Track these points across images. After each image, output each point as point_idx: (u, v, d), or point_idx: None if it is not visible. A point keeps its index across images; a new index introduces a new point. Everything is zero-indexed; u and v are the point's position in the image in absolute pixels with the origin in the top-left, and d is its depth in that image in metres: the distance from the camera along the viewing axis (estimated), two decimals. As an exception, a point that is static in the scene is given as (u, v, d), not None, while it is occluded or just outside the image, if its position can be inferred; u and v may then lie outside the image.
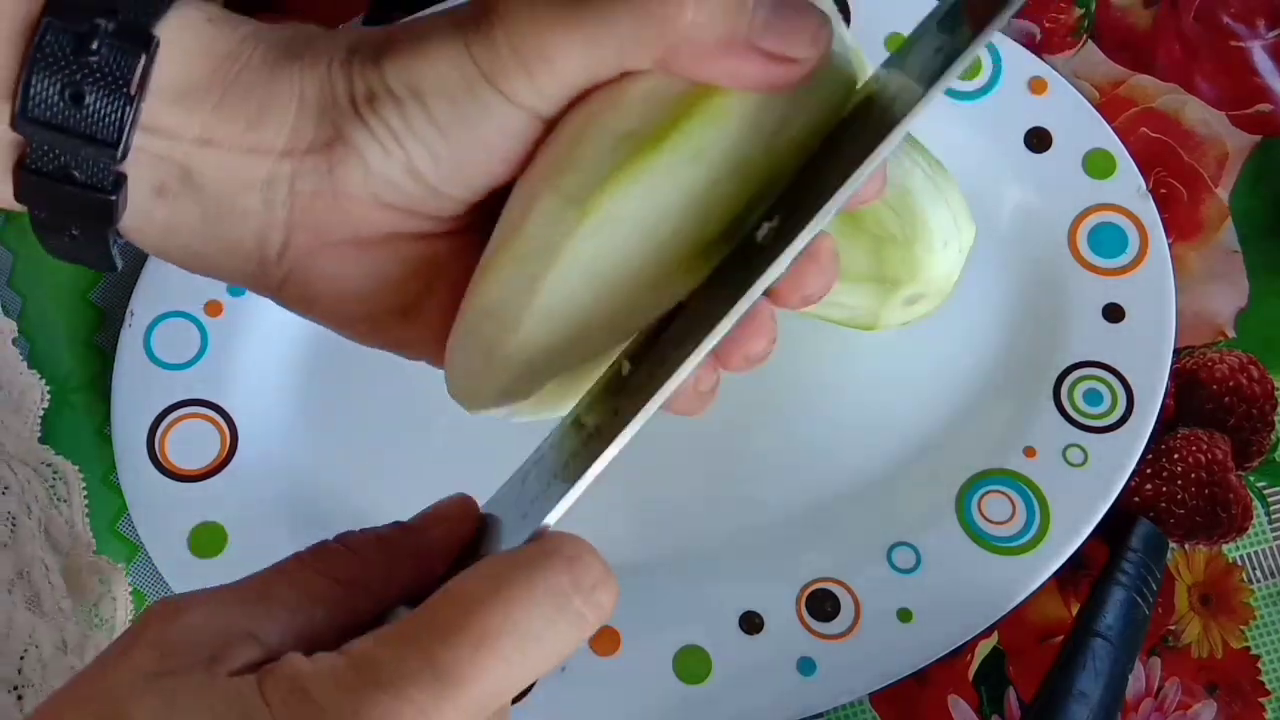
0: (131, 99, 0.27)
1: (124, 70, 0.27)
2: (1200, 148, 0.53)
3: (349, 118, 0.28)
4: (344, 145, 0.29)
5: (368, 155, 0.29)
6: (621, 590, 0.26)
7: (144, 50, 0.28)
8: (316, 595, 0.25)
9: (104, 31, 0.27)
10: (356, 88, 0.29)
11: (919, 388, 0.50)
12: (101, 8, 0.28)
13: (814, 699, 0.46)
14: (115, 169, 0.28)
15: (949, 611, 0.47)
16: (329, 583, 0.26)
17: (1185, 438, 0.50)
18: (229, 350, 0.50)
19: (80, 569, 0.47)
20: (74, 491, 0.48)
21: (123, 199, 0.29)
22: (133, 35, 0.28)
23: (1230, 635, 0.49)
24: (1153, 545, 0.47)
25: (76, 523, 0.48)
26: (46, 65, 0.27)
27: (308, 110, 0.29)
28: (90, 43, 0.27)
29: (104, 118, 0.27)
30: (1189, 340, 0.51)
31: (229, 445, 0.49)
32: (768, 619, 0.47)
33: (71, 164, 0.28)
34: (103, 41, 0.27)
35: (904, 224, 0.44)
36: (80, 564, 0.47)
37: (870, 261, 0.44)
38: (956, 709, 0.48)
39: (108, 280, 0.52)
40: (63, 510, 0.48)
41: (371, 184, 0.29)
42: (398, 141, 0.28)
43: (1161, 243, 0.50)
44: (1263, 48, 0.54)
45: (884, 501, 0.49)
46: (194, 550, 0.47)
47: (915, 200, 0.44)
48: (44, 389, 0.49)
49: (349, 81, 0.29)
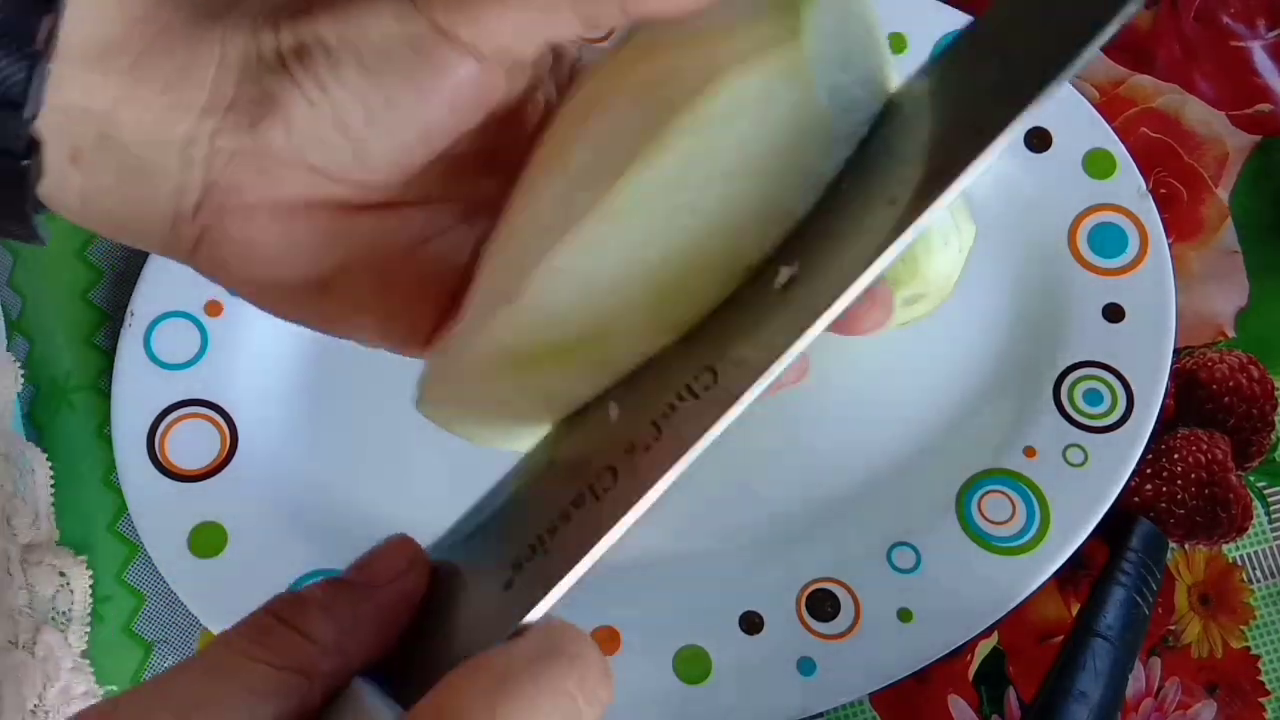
0: (37, 55, 0.26)
1: (28, 27, 0.26)
2: (1200, 148, 0.53)
3: (275, 72, 0.28)
4: (269, 101, 0.28)
5: (293, 110, 0.27)
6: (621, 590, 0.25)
7: (49, 7, 0.27)
8: (263, 691, 0.23)
9: None
10: (284, 41, 0.28)
11: (919, 388, 0.50)
12: None
13: (814, 699, 0.46)
14: (26, 134, 0.27)
15: (949, 611, 0.47)
16: (276, 674, 0.23)
17: (1185, 438, 0.50)
18: (229, 350, 0.50)
19: (41, 561, 0.47)
20: (40, 481, 0.48)
21: (37, 165, 0.28)
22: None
23: (1230, 635, 0.49)
24: (1153, 545, 0.47)
25: (42, 513, 0.47)
26: None
27: (230, 68, 0.28)
28: None
29: (10, 78, 0.26)
30: (1189, 340, 0.51)
31: (229, 445, 0.49)
32: (768, 619, 0.47)
33: None
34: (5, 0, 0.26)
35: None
36: (42, 556, 0.47)
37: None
38: (956, 709, 0.48)
39: (108, 280, 0.52)
40: (29, 499, 0.47)
41: (295, 140, 0.28)
42: (325, 93, 0.27)
43: (1161, 243, 0.50)
44: (1263, 48, 0.54)
45: (884, 501, 0.49)
46: (194, 550, 0.47)
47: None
48: (19, 372, 0.48)
49: (275, 36, 0.28)
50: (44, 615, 0.46)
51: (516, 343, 0.27)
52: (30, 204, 0.29)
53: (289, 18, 0.28)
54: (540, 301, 0.26)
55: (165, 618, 0.49)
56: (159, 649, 0.49)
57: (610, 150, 0.26)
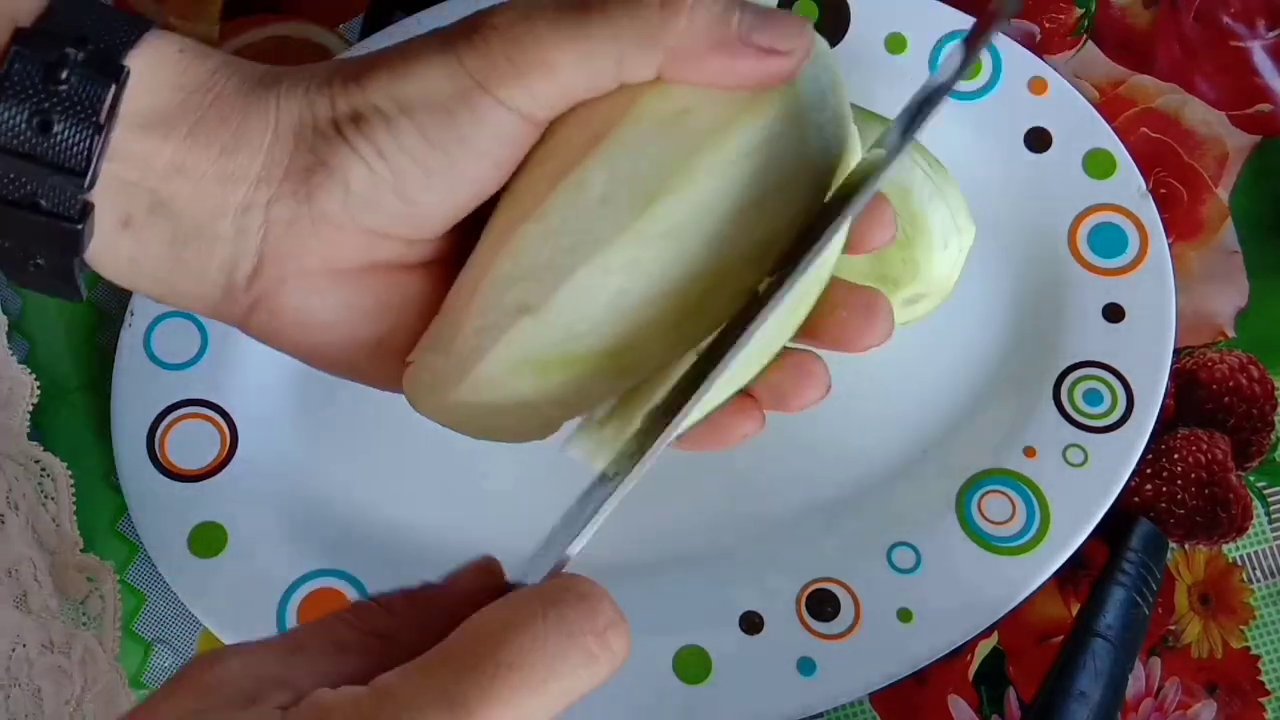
0: (100, 128, 0.27)
1: (93, 99, 0.27)
2: (1200, 148, 0.53)
3: (330, 140, 0.28)
4: (324, 169, 0.28)
5: (350, 176, 0.28)
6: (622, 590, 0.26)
7: (114, 80, 0.28)
8: (348, 645, 0.26)
9: (74, 61, 0.27)
10: (339, 109, 0.29)
11: (919, 388, 0.50)
12: (72, 37, 0.28)
13: (814, 699, 0.46)
14: (82, 198, 0.28)
15: (949, 611, 0.47)
16: (360, 634, 0.26)
17: (1185, 438, 0.50)
18: (229, 350, 0.50)
19: (67, 567, 0.47)
20: (62, 489, 0.48)
21: (89, 228, 0.29)
22: (102, 65, 0.28)
23: (1230, 635, 0.49)
24: (1153, 545, 0.47)
25: (64, 520, 0.48)
26: (15, 93, 0.27)
27: (284, 137, 0.29)
28: (60, 72, 0.27)
29: (72, 147, 0.27)
30: (1189, 340, 0.51)
31: (229, 445, 0.49)
32: (768, 619, 0.47)
33: (38, 192, 0.28)
34: (72, 71, 0.27)
35: (904, 224, 0.44)
36: (68, 562, 0.47)
37: (870, 261, 0.44)
38: (956, 709, 0.48)
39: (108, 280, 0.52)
40: (50, 508, 0.48)
41: (352, 206, 0.29)
42: (384, 159, 0.28)
43: (1161, 243, 0.50)
44: (1263, 48, 0.54)
45: (884, 501, 0.49)
46: (194, 550, 0.47)
47: (915, 200, 0.44)
48: (34, 384, 0.49)
49: (330, 104, 0.29)
50: (76, 620, 0.47)
51: (540, 351, 0.29)
52: (79, 266, 0.30)
53: (342, 85, 0.29)
54: (567, 316, 0.28)
55: (165, 618, 0.49)
56: (159, 649, 0.49)
57: (633, 178, 0.28)
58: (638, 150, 0.28)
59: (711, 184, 0.28)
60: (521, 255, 0.29)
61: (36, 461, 0.48)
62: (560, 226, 0.28)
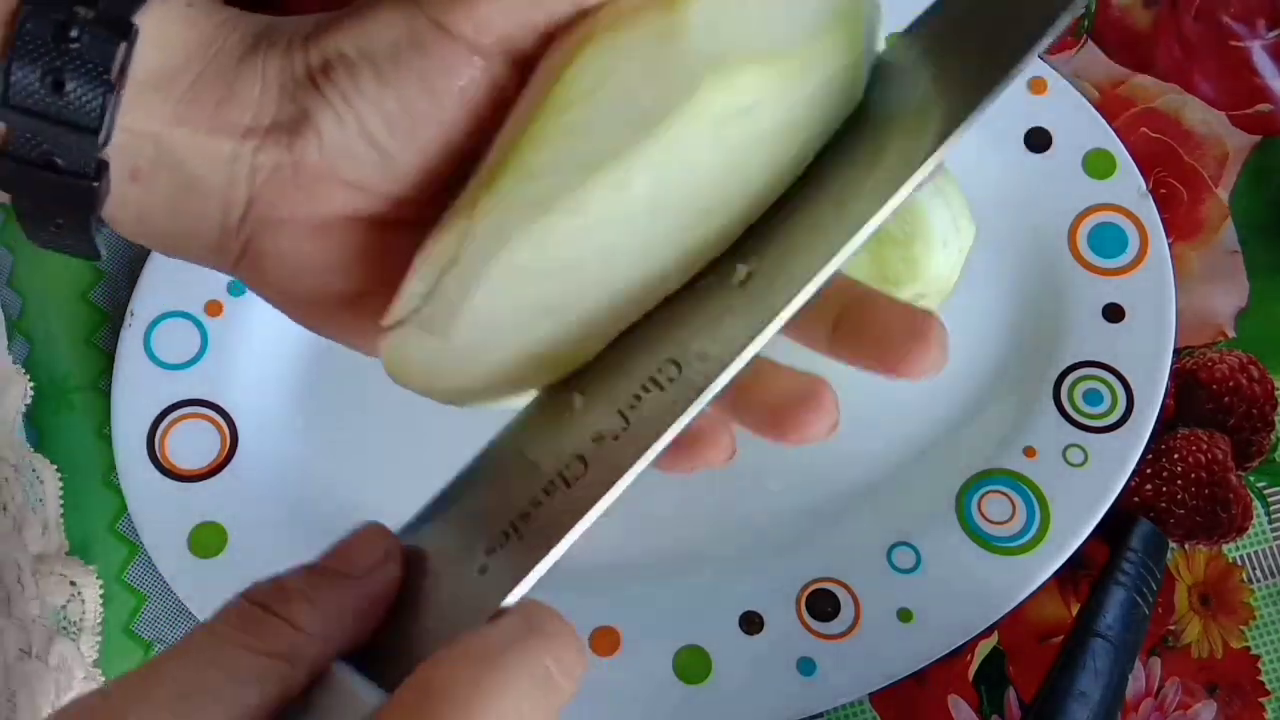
0: (112, 86, 0.28)
1: (104, 58, 0.28)
2: (1200, 148, 0.53)
3: (308, 92, 0.29)
4: (304, 118, 0.29)
5: (323, 126, 0.29)
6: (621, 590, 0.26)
7: (124, 38, 0.28)
8: (248, 677, 0.24)
9: (83, 20, 0.28)
10: (312, 59, 0.29)
11: (919, 388, 0.50)
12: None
13: (814, 699, 0.46)
14: (97, 156, 0.28)
15: (949, 611, 0.47)
16: (261, 660, 0.24)
17: (1185, 438, 0.50)
18: (229, 350, 0.50)
19: (52, 571, 0.47)
20: (50, 492, 0.48)
21: (105, 185, 0.29)
22: (112, 23, 0.28)
23: (1230, 635, 0.49)
24: (1153, 545, 0.47)
25: (51, 524, 0.48)
26: (27, 52, 0.27)
27: (270, 90, 0.29)
28: (70, 30, 0.27)
29: (85, 105, 0.28)
30: (1189, 340, 0.51)
31: (229, 445, 0.49)
32: (768, 619, 0.47)
33: (54, 151, 0.28)
34: (83, 30, 0.28)
35: (904, 224, 0.44)
36: (53, 566, 0.47)
37: (870, 261, 0.44)
38: (956, 709, 0.48)
39: (108, 280, 0.52)
40: (38, 510, 0.48)
41: (328, 156, 0.29)
42: (349, 105, 0.28)
43: (1161, 243, 0.50)
44: (1263, 48, 0.54)
45: (884, 501, 0.49)
46: (194, 550, 0.47)
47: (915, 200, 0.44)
48: (27, 384, 0.49)
49: (305, 55, 0.29)
50: (55, 625, 0.47)
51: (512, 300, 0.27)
52: (94, 222, 0.30)
53: (315, 36, 0.29)
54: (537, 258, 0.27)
55: (165, 618, 0.49)
56: (159, 649, 0.49)
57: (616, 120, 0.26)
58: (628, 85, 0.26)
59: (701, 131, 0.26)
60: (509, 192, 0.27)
61: (27, 462, 0.48)
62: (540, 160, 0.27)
